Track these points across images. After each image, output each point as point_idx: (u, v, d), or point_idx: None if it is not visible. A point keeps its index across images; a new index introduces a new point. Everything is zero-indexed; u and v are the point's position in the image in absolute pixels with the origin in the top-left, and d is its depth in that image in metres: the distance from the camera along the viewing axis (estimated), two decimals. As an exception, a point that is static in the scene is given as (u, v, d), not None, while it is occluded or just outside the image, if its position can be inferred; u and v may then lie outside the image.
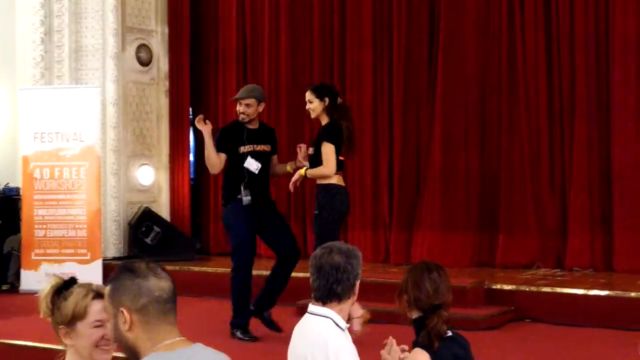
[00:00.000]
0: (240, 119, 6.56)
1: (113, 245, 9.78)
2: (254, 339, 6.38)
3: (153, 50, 10.33)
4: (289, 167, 6.60)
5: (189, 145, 10.72)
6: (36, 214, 9.08)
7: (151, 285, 2.36)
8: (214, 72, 10.61)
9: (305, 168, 6.27)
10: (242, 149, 6.49)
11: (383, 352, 3.40)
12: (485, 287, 7.30)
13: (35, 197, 9.10)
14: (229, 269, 6.73)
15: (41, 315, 2.94)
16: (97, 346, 2.85)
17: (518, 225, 8.56)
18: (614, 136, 8.23)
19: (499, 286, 7.35)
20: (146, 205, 10.10)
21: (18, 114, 9.62)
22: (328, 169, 6.11)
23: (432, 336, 3.28)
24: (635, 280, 7.42)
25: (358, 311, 3.73)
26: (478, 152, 8.85)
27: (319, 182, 6.21)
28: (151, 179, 10.30)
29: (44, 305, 2.92)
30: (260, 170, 6.51)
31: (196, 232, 10.68)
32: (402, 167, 9.17)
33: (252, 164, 6.47)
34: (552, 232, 8.47)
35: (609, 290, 6.98)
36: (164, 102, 10.42)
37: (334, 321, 3.24)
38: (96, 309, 2.84)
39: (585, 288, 7.05)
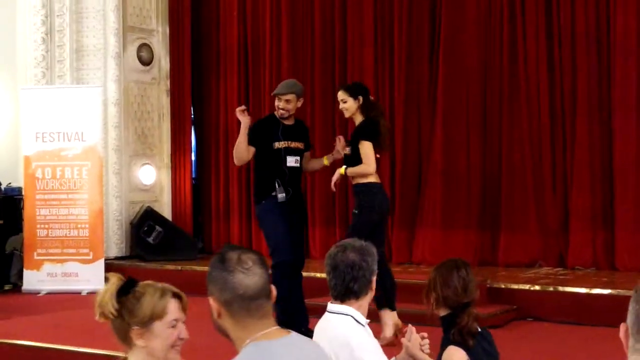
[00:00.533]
0: (279, 114, 6.42)
1: (115, 244, 9.79)
2: None
3: (154, 50, 10.33)
4: (325, 160, 6.54)
5: (191, 144, 10.72)
6: (38, 214, 9.09)
7: (236, 281, 2.37)
8: (215, 71, 10.61)
9: (345, 167, 6.17)
10: (277, 145, 6.36)
11: (404, 340, 3.43)
12: (488, 285, 7.30)
13: (37, 196, 9.11)
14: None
15: (98, 317, 2.80)
16: (172, 346, 2.81)
17: (520, 223, 8.56)
18: (616, 134, 8.22)
19: (501, 285, 7.35)
20: (148, 204, 10.11)
21: (20, 113, 9.63)
22: (370, 167, 6.05)
23: (465, 334, 3.32)
24: (637, 278, 7.39)
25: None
26: (479, 151, 8.85)
27: (358, 181, 6.13)
28: (153, 178, 10.31)
29: (109, 306, 2.75)
30: (297, 169, 6.43)
31: (198, 232, 10.68)
32: (403, 165, 9.17)
33: (292, 161, 6.36)
34: (554, 231, 8.46)
35: (611, 288, 6.98)
36: (165, 102, 10.43)
37: (354, 318, 3.27)
38: (174, 307, 2.81)
39: (587, 286, 7.06)
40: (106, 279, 2.82)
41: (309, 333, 6.28)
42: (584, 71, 8.31)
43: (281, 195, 6.28)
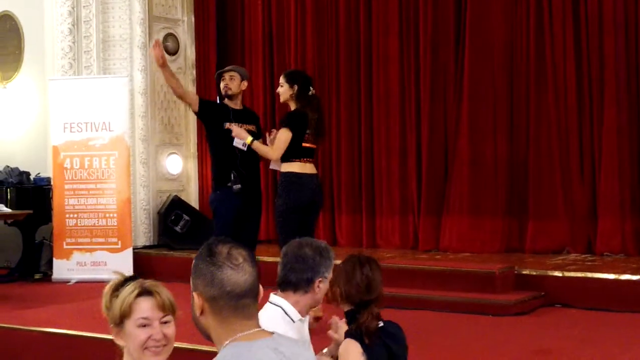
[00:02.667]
0: (222, 92, 6.58)
1: (143, 233, 9.86)
2: None
3: (180, 39, 10.37)
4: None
5: (217, 133, 10.73)
6: (67, 204, 9.17)
7: (224, 277, 2.22)
8: (240, 60, 10.61)
9: (252, 139, 6.20)
10: (228, 125, 6.44)
11: (330, 332, 3.44)
12: (515, 272, 7.27)
13: (66, 186, 9.19)
14: (257, 257, 6.70)
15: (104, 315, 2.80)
16: (145, 348, 2.67)
17: (547, 210, 8.50)
18: (644, 119, 8.16)
19: (528, 271, 7.32)
20: (175, 194, 10.16)
21: (48, 104, 9.71)
22: (273, 153, 6.10)
23: (363, 332, 3.29)
24: (666, 265, 7.36)
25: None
26: (506, 137, 8.80)
27: (282, 169, 6.16)
28: (180, 167, 10.36)
29: (103, 304, 2.77)
30: (249, 152, 6.42)
31: (225, 220, 10.70)
32: (430, 152, 9.14)
33: (239, 142, 6.38)
34: (582, 217, 8.40)
35: (640, 275, 6.93)
36: (191, 91, 10.46)
37: (284, 310, 3.27)
38: (142, 306, 2.68)
39: (616, 273, 7.01)
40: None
41: None
42: (611, 55, 8.23)
43: (236, 187, 6.37)
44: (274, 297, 3.34)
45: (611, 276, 6.95)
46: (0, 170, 9.99)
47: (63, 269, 9.06)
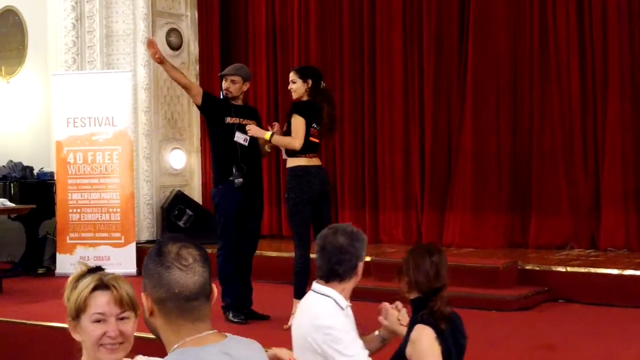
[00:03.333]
0: (223, 94, 6.64)
1: (146, 228, 9.87)
2: (244, 321, 6.39)
3: (183, 35, 10.37)
4: (267, 147, 6.53)
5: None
6: (70, 198, 9.18)
7: (172, 279, 2.11)
8: (244, 55, 10.61)
9: (271, 133, 6.18)
10: (229, 120, 6.47)
11: (381, 318, 3.49)
12: (519, 267, 7.27)
13: (69, 181, 9.20)
14: (260, 251, 6.75)
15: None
16: (100, 344, 2.55)
17: (551, 205, 8.49)
18: (649, 114, 8.14)
19: (532, 267, 7.31)
20: (178, 188, 10.17)
21: (51, 99, 9.72)
22: (295, 141, 6.03)
23: (437, 318, 3.32)
24: (670, 260, 7.35)
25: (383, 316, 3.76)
26: (510, 132, 8.78)
27: (287, 165, 6.17)
28: (183, 162, 10.36)
29: (64, 296, 2.66)
30: (250, 147, 6.44)
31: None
32: (433, 148, 9.13)
33: (240, 137, 6.40)
34: (585, 212, 8.39)
35: (643, 270, 6.92)
36: (196, 83, 10.44)
37: (334, 300, 3.35)
38: (97, 301, 2.56)
39: (619, 268, 6.99)
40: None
41: (253, 314, 6.45)
42: (615, 49, 8.21)
43: (238, 181, 6.37)
44: (320, 287, 3.40)
45: (615, 271, 6.94)
46: (4, 165, 10.00)
47: (66, 263, 9.06)
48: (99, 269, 2.69)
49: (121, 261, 8.88)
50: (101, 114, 9.20)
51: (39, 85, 10.56)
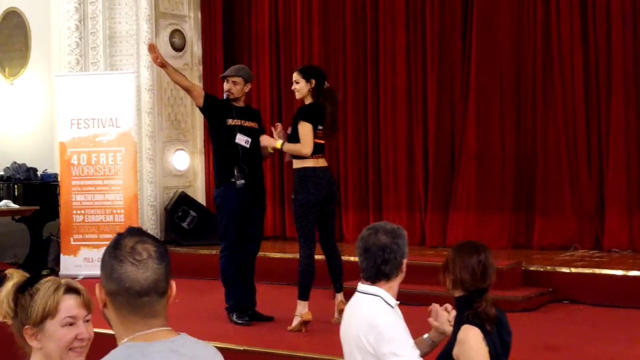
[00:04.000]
0: (225, 96, 6.65)
1: (150, 230, 9.85)
2: (248, 322, 6.39)
3: (186, 36, 10.37)
4: (269, 149, 6.50)
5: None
6: (74, 200, 9.18)
7: (124, 273, 2.06)
8: (247, 56, 10.62)
9: (281, 142, 6.20)
10: (230, 122, 6.49)
11: (430, 320, 3.47)
12: (523, 268, 7.26)
13: (73, 182, 9.20)
14: (264, 253, 6.74)
15: (0, 318, 2.61)
16: (70, 349, 2.55)
17: (555, 206, 8.48)
18: (652, 114, 8.12)
19: (536, 268, 7.30)
20: (182, 190, 10.17)
21: (54, 100, 9.73)
22: (304, 148, 6.06)
23: (483, 319, 3.29)
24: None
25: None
26: (513, 132, 8.77)
27: (294, 166, 6.18)
28: (186, 164, 10.37)
29: (5, 305, 2.57)
30: (251, 149, 6.46)
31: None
32: (436, 148, 9.12)
33: (241, 139, 6.42)
34: (589, 213, 8.38)
35: (647, 270, 6.91)
36: (198, 85, 10.44)
37: (383, 299, 3.32)
38: (68, 304, 2.55)
39: (624, 269, 6.99)
40: (7, 277, 2.62)
41: (256, 315, 6.45)
42: (619, 50, 8.19)
43: (240, 182, 6.38)
44: (367, 287, 3.37)
45: (619, 272, 6.93)
46: (8, 167, 10.01)
47: (70, 265, 9.07)
48: (38, 275, 2.65)
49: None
50: (105, 115, 9.20)
51: (42, 87, 10.56)
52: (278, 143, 6.20)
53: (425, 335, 3.56)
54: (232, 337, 5.86)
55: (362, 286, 3.40)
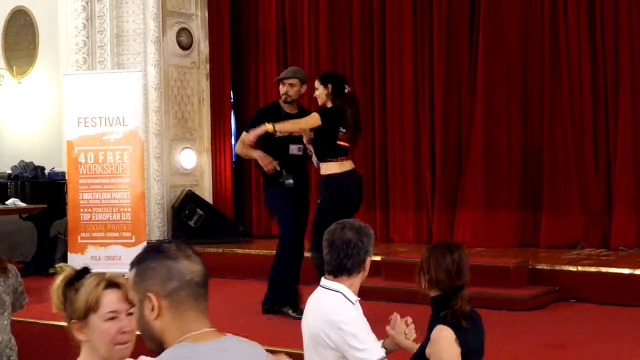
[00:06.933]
0: (282, 99, 6.59)
1: (157, 228, 9.89)
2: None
3: (193, 34, 10.38)
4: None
5: (231, 128, 10.77)
6: (81, 198, 9.18)
7: (183, 267, 2.15)
8: (254, 55, 10.63)
9: (272, 124, 6.13)
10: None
11: (388, 328, 3.51)
12: (530, 267, 7.25)
13: (80, 181, 9.20)
14: (271, 251, 6.72)
15: (54, 310, 2.71)
16: (115, 343, 2.61)
17: (562, 204, 8.47)
18: (660, 113, 8.10)
19: (542, 266, 7.29)
20: (189, 188, 10.18)
21: (62, 99, 9.74)
22: (296, 125, 6.17)
23: (459, 316, 3.33)
24: (682, 259, 7.31)
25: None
26: (520, 131, 8.76)
27: (321, 172, 6.22)
28: (193, 162, 10.38)
29: (55, 299, 2.68)
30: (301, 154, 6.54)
31: (239, 215, 10.74)
32: (443, 147, 9.12)
33: (294, 149, 6.47)
34: (596, 212, 8.36)
35: (655, 269, 6.89)
36: (205, 86, 10.48)
37: (343, 295, 3.40)
38: (110, 299, 2.62)
39: (631, 267, 6.96)
40: (57, 272, 2.70)
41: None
42: (626, 47, 8.18)
43: (288, 182, 6.39)
44: (328, 283, 3.45)
45: (626, 271, 6.92)
46: (15, 165, 10.03)
47: (78, 263, 9.03)
48: (87, 270, 2.72)
49: (132, 261, 8.88)
50: (112, 113, 9.20)
51: (49, 85, 10.59)
52: (269, 126, 6.14)
53: (381, 341, 3.55)
54: (238, 335, 5.86)
55: (324, 281, 3.47)
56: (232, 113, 10.82)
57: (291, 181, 6.39)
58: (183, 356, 2.10)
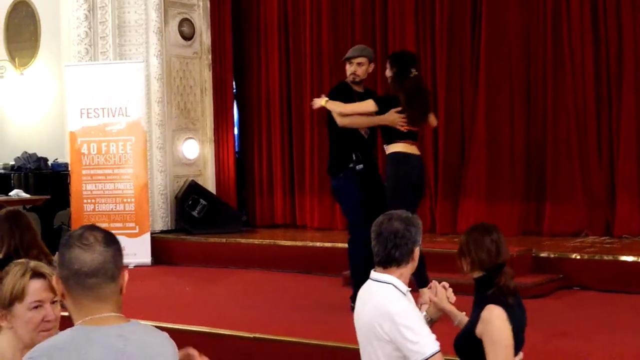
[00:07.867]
0: (350, 79, 6.37)
1: (161, 218, 9.90)
2: None
3: (195, 24, 10.36)
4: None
5: (233, 118, 10.77)
6: (85, 189, 9.21)
7: (72, 256, 2.21)
8: (256, 45, 10.62)
9: (326, 99, 6.22)
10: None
11: (431, 296, 3.63)
12: (533, 255, 7.25)
13: (84, 172, 9.23)
14: (274, 241, 6.67)
15: None
16: (39, 330, 2.66)
17: (565, 193, 8.46)
18: (663, 101, 8.08)
19: (546, 254, 7.29)
20: (192, 178, 10.18)
21: (64, 90, 9.75)
22: (343, 108, 6.14)
23: (505, 293, 3.43)
24: (685, 247, 7.31)
25: (425, 297, 3.79)
26: (523, 120, 8.75)
27: (387, 152, 6.19)
28: (196, 152, 10.37)
29: None
30: (368, 138, 6.37)
31: (242, 205, 10.75)
32: (446, 137, 9.11)
33: (363, 131, 6.31)
34: (600, 200, 8.36)
35: (659, 256, 6.89)
36: (207, 76, 10.46)
37: (394, 286, 3.38)
38: (34, 288, 2.67)
39: (634, 255, 6.96)
40: None
41: None
42: (630, 38, 8.15)
43: (359, 167, 6.23)
44: (378, 275, 3.44)
45: (630, 258, 6.91)
46: (19, 157, 10.05)
47: (81, 254, 9.09)
48: (9, 258, 2.84)
49: (136, 251, 8.92)
50: (114, 104, 9.22)
51: (52, 77, 10.59)
52: (323, 100, 6.22)
53: (424, 313, 3.61)
54: (242, 325, 5.88)
55: (374, 274, 3.46)
56: (234, 103, 10.82)
57: (362, 165, 6.23)
58: (74, 337, 2.14)
